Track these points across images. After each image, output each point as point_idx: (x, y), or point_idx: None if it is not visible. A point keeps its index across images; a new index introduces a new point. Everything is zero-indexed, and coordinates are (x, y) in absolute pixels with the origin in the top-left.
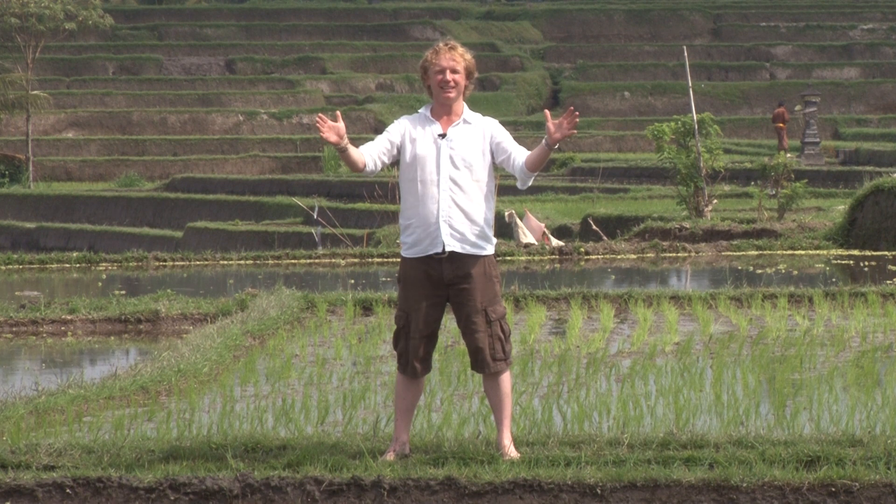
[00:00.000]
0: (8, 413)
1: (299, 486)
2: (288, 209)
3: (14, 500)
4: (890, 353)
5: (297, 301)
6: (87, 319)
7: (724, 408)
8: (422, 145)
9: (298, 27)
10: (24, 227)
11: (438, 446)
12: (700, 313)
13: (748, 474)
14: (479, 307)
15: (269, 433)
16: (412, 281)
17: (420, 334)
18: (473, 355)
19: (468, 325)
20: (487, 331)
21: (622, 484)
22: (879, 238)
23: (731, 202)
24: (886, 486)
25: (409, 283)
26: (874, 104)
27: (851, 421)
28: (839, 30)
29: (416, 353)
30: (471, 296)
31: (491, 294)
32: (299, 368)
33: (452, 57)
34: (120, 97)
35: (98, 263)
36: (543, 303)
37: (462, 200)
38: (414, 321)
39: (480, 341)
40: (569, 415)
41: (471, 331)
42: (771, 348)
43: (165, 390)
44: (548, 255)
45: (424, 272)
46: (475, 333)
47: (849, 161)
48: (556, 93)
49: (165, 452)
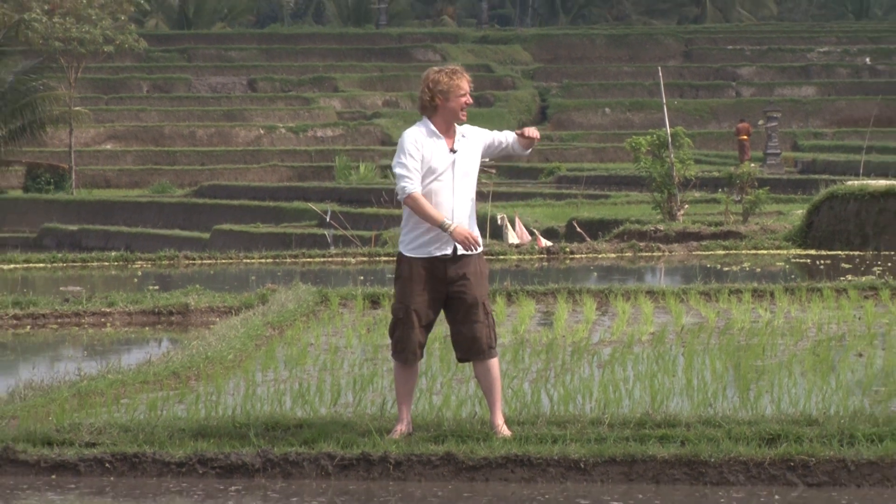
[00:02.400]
0: (53, 395)
1: (314, 461)
2: (304, 213)
3: (59, 474)
4: (843, 342)
5: (312, 295)
6: (125, 312)
7: (694, 391)
8: (436, 159)
9: (313, 50)
10: (68, 229)
11: (439, 425)
12: (673, 306)
13: (716, 450)
14: (477, 300)
15: (287, 413)
16: (415, 279)
17: (419, 325)
18: (470, 344)
19: (468, 317)
20: (485, 321)
21: (603, 459)
22: (834, 239)
23: (700, 207)
24: (840, 462)
25: (412, 281)
26: (829, 119)
27: (808, 403)
28: (798, 52)
29: (416, 342)
30: (470, 289)
31: (484, 288)
32: (314, 356)
33: (467, 81)
34: (153, 113)
35: (134, 262)
36: (533, 297)
37: (467, 207)
38: (415, 314)
39: (479, 331)
40: (555, 397)
41: (470, 322)
42: (736, 338)
43: (194, 375)
44: (536, 255)
45: (428, 271)
46: (475, 324)
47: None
48: (544, 109)
49: (194, 431)
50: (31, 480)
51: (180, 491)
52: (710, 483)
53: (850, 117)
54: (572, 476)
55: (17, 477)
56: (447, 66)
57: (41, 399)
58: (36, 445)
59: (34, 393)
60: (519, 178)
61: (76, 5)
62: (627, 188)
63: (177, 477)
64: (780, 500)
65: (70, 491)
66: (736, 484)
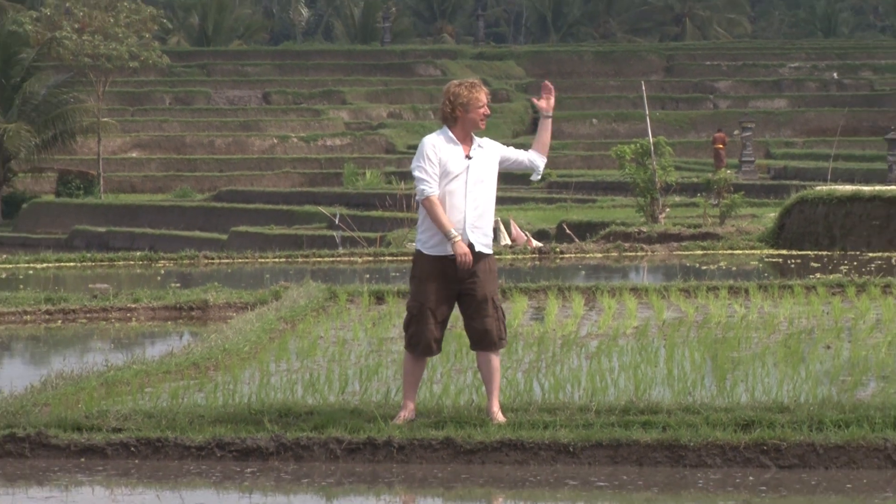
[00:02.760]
0: (83, 384)
1: (324, 445)
2: (314, 216)
3: (87, 457)
4: (812, 335)
5: (322, 292)
6: (149, 307)
7: (674, 380)
8: (453, 164)
9: (323, 65)
10: (96, 230)
11: (439, 412)
12: (655, 302)
13: (695, 435)
14: (487, 296)
15: (298, 401)
16: (430, 278)
17: (435, 321)
18: (481, 336)
19: (478, 312)
20: (495, 315)
21: (590, 443)
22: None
23: (680, 210)
24: (809, 445)
25: (427, 279)
26: (799, 129)
27: (780, 391)
28: (770, 68)
29: (432, 335)
30: (480, 287)
31: (494, 285)
32: (323, 348)
33: (481, 95)
34: (175, 123)
35: (157, 261)
36: (525, 294)
37: (479, 211)
38: (429, 311)
39: (489, 324)
40: (546, 386)
41: (481, 316)
42: (714, 331)
43: (213, 366)
44: (529, 255)
45: (441, 270)
46: (485, 318)
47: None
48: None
49: (213, 417)
50: (62, 463)
51: (200, 473)
52: (689, 465)
53: (819, 128)
54: (562, 459)
55: (49, 460)
56: (466, 79)
57: (71, 388)
58: (66, 431)
59: (65, 382)
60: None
61: (104, 24)
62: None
63: (197, 460)
64: (754, 481)
65: (98, 473)
66: (713, 466)
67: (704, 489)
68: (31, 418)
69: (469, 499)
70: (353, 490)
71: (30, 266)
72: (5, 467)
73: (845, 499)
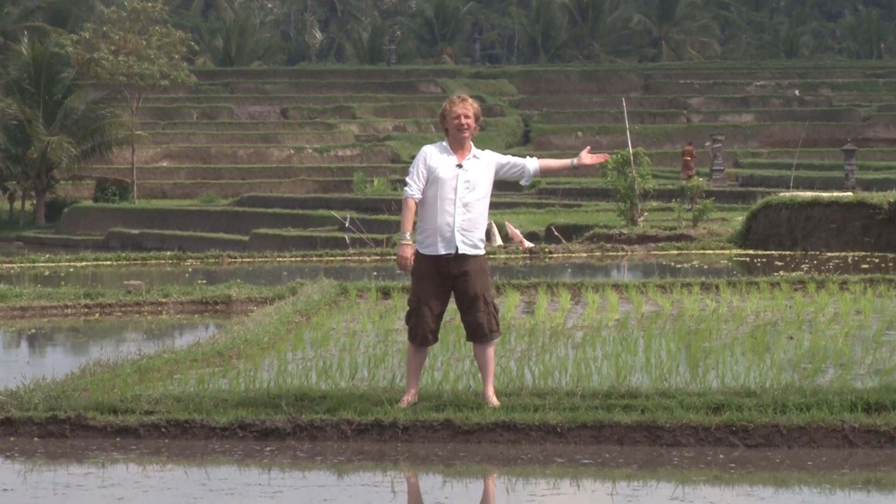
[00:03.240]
0: (118, 371)
1: (335, 426)
2: (327, 220)
3: (122, 437)
4: (776, 327)
5: (334, 288)
6: (177, 302)
7: (652, 368)
8: (443, 171)
9: (335, 83)
10: (130, 232)
11: (439, 396)
12: (634, 297)
13: (670, 417)
14: (478, 293)
15: (313, 387)
16: (426, 275)
17: (431, 314)
18: (474, 329)
19: (471, 307)
20: (486, 310)
21: (576, 424)
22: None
23: (657, 214)
24: (774, 427)
25: (423, 277)
26: (765, 141)
27: (748, 378)
28: (738, 86)
29: (428, 328)
30: (472, 284)
31: (485, 282)
32: (335, 338)
33: (465, 106)
34: (201, 136)
35: (185, 260)
36: (517, 289)
37: (469, 215)
38: (426, 306)
39: (481, 318)
40: (536, 373)
41: (473, 311)
42: (687, 323)
43: (235, 354)
44: (521, 254)
45: (435, 269)
46: (476, 312)
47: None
48: (527, 133)
49: (235, 401)
50: (99, 442)
51: (224, 451)
52: (665, 445)
53: (782, 140)
54: (551, 439)
55: (87, 439)
56: (455, 95)
57: (107, 374)
58: (103, 413)
59: (102, 369)
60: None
61: (138, 46)
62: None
63: (221, 439)
64: (724, 459)
65: (131, 451)
66: (687, 445)
67: (679, 466)
68: (71, 402)
69: (467, 475)
70: (361, 467)
71: (70, 264)
72: (48, 446)
73: (806, 475)
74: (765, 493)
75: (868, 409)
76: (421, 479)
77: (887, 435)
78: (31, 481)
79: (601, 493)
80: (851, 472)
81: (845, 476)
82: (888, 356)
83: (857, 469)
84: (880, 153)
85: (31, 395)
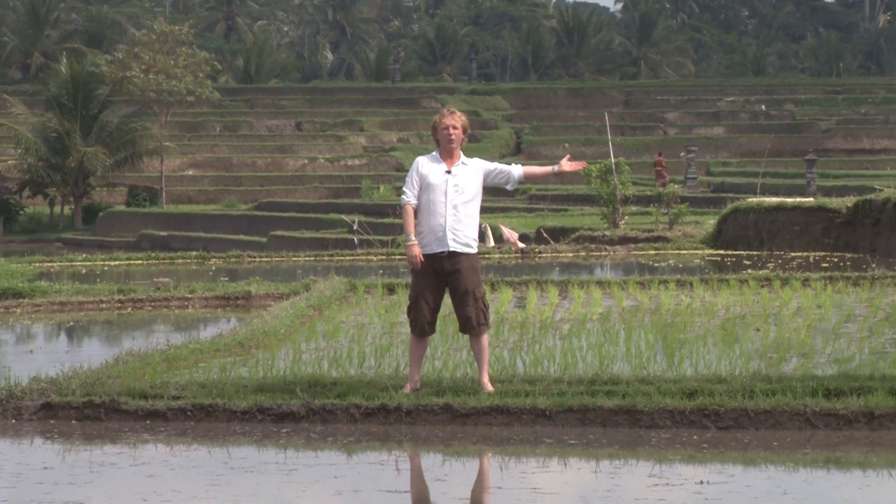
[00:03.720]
0: (148, 360)
1: (345, 410)
2: (337, 223)
3: (151, 420)
4: (745, 320)
5: (344, 285)
6: (202, 297)
7: (632, 357)
8: (434, 178)
9: (345, 99)
10: (159, 234)
11: (439, 383)
12: (616, 293)
13: (649, 402)
14: (468, 289)
15: (324, 374)
16: (422, 272)
17: (428, 307)
18: (464, 322)
19: (461, 301)
20: (474, 305)
21: (564, 408)
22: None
23: (637, 218)
24: (742, 410)
25: (420, 274)
26: (734, 152)
27: (719, 366)
28: (710, 101)
29: (425, 319)
30: (462, 281)
31: (476, 280)
32: (345, 330)
33: (453, 118)
34: (224, 147)
35: (209, 259)
36: (510, 286)
37: (459, 217)
38: (423, 299)
39: (469, 312)
40: (527, 361)
41: (463, 305)
42: (664, 317)
43: (255, 345)
44: (513, 254)
45: (431, 267)
46: (466, 307)
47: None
48: (519, 144)
49: (254, 387)
50: (130, 425)
51: (244, 433)
52: (644, 427)
53: (750, 150)
54: (540, 421)
55: (120, 422)
56: (449, 108)
57: (138, 363)
58: (134, 398)
59: (133, 358)
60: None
61: (166, 66)
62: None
63: (241, 422)
64: (697, 439)
65: (160, 433)
66: (664, 427)
67: (657, 446)
68: (105, 388)
69: (464, 454)
70: (369, 447)
71: (105, 263)
72: (85, 428)
73: (772, 454)
74: (734, 470)
75: (828, 394)
76: (422, 458)
77: (846, 418)
78: (69, 460)
79: (586, 471)
80: (813, 451)
81: (808, 455)
82: (846, 346)
83: (818, 449)
84: (839, 163)
85: (69, 381)
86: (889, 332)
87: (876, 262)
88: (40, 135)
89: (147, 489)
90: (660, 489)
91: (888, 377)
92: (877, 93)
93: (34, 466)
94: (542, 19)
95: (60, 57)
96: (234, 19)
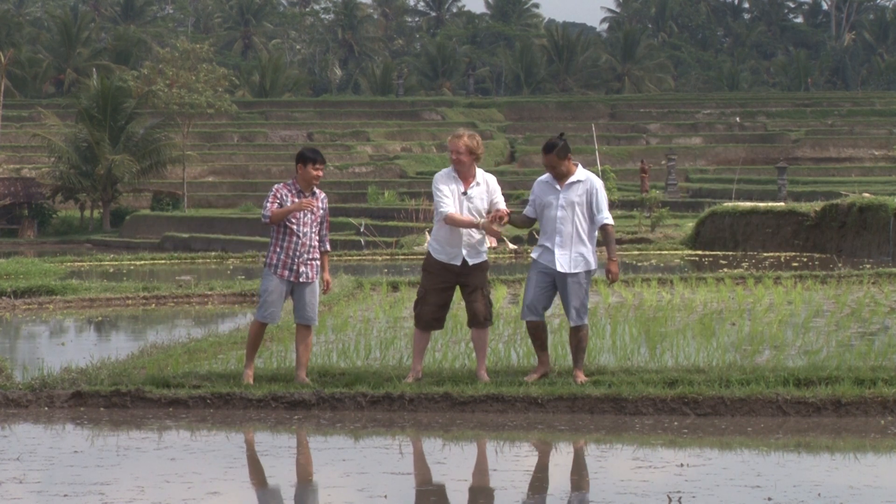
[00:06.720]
0: (171, 352)
1: (353, 398)
2: (345, 225)
3: (174, 407)
4: (721, 315)
5: (351, 283)
6: (221, 294)
7: (617, 349)
8: (453, 198)
9: (352, 112)
10: (181, 236)
11: (440, 373)
12: (602, 290)
13: (632, 391)
14: (478, 287)
15: (333, 365)
16: (436, 272)
17: (436, 304)
18: (474, 316)
19: (471, 297)
20: (483, 301)
21: (554, 397)
22: (714, 243)
23: (621, 221)
24: (720, 398)
25: (433, 273)
26: (711, 160)
27: (698, 357)
28: (689, 114)
29: (431, 315)
30: (472, 280)
31: (484, 279)
32: (352, 324)
33: (458, 143)
34: (241, 156)
35: (227, 259)
36: (505, 283)
37: (473, 232)
38: (431, 296)
39: (478, 307)
40: (521, 353)
41: (473, 301)
42: (647, 312)
43: (269, 338)
44: (507, 255)
45: (441, 268)
46: (476, 303)
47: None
48: (513, 153)
49: (269, 377)
50: (154, 412)
51: (259, 420)
52: (629, 414)
53: (725, 159)
54: (533, 409)
55: (145, 409)
56: (460, 130)
57: (162, 355)
58: (158, 387)
59: (157, 350)
60: None
61: (188, 81)
62: None
63: (257, 409)
64: (678, 425)
65: (182, 419)
66: (647, 414)
67: (640, 432)
68: (131, 378)
69: (462, 439)
70: (374, 432)
71: (131, 263)
72: (112, 415)
73: (747, 439)
74: (712, 454)
75: (799, 383)
76: (424, 443)
77: (815, 406)
78: (98, 444)
79: (575, 454)
80: (785, 436)
81: (780, 440)
82: (815, 339)
83: (789, 434)
84: (807, 170)
85: (98, 372)
86: (854, 326)
87: (842, 262)
88: (72, 144)
89: (169, 471)
90: (643, 471)
91: (854, 368)
92: (842, 106)
93: (65, 450)
94: (533, 38)
95: (91, 73)
96: (250, 38)
